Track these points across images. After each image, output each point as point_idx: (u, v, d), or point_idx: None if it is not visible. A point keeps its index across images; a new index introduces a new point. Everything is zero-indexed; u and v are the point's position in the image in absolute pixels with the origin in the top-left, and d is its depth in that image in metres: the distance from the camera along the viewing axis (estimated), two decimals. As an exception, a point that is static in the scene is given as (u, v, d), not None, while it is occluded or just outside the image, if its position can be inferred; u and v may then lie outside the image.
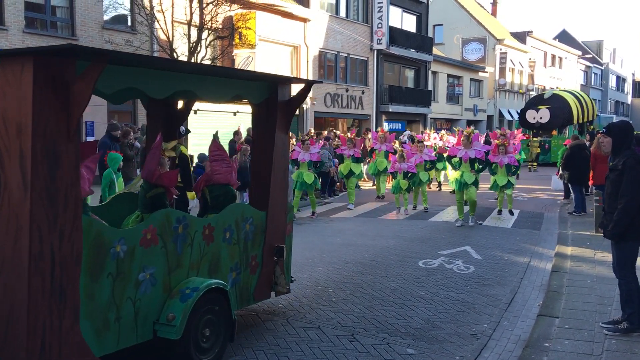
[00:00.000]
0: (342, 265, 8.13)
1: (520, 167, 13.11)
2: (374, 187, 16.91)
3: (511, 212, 12.82)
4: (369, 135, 22.14)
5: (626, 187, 5.12)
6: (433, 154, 14.30)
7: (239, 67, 20.99)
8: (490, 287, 7.10)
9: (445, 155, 13.89)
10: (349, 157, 14.08)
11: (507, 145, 12.48)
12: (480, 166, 11.57)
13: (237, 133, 15.64)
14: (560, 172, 14.25)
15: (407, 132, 23.70)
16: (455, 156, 11.81)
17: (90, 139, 16.72)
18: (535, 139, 28.23)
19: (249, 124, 20.05)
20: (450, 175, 13.84)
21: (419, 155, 13.48)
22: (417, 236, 10.38)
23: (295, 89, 6.07)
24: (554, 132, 29.50)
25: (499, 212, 12.96)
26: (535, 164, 27.30)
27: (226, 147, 16.58)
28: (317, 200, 15.27)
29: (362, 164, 14.23)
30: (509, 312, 6.18)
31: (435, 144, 17.41)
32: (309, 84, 5.93)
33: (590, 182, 12.26)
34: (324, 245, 9.64)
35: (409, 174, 12.97)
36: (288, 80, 5.85)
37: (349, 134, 15.69)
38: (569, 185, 13.63)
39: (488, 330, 5.63)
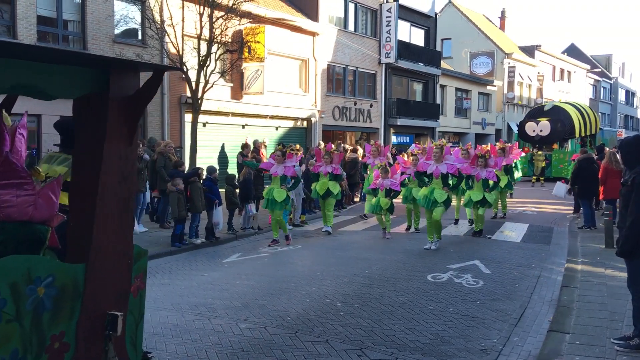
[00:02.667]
0: (350, 278, 8.10)
1: (497, 185, 11.83)
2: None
3: (479, 233, 11.59)
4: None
5: (634, 205, 5.10)
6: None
7: (248, 81, 21.17)
8: (499, 301, 7.04)
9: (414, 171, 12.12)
10: (326, 174, 12.18)
11: (487, 158, 11.37)
12: (454, 182, 10.39)
13: (245, 146, 15.71)
14: (570, 186, 14.13)
15: (413, 145, 23.57)
16: (425, 172, 10.49)
17: (100, 151, 16.84)
18: (539, 152, 27.37)
19: (258, 136, 20.19)
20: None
21: (412, 169, 11.97)
22: (426, 250, 10.33)
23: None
24: (555, 146, 28.46)
25: (474, 233, 11.72)
26: (542, 178, 26.67)
27: (234, 160, 16.76)
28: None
29: (340, 183, 12.60)
30: (518, 328, 6.13)
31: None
32: (159, 71, 3.84)
33: (600, 197, 12.19)
34: (332, 258, 9.62)
35: (392, 192, 11.51)
36: (127, 66, 3.88)
37: (322, 147, 13.80)
38: (579, 199, 13.52)
39: (498, 345, 5.58)
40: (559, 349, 5.27)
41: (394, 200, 11.71)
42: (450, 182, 10.32)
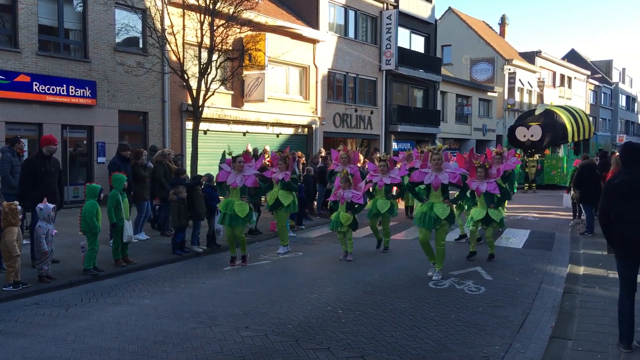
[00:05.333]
0: (351, 285, 8.08)
1: (506, 197, 10.15)
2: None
3: (492, 257, 9.80)
4: (377, 155, 22.14)
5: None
6: (399, 178, 10.74)
7: (249, 88, 21.25)
8: (501, 308, 7.03)
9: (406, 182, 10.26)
10: (277, 182, 10.41)
11: (488, 168, 9.65)
12: (457, 194, 8.73)
13: (246, 153, 15.71)
14: (572, 191, 14.08)
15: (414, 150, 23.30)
16: (421, 182, 8.71)
17: (101, 159, 16.89)
18: (531, 158, 26.64)
19: (259, 143, 20.25)
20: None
21: (379, 177, 10.47)
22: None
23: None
24: (547, 152, 27.57)
25: (471, 254, 9.85)
26: (533, 185, 25.98)
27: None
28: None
29: (294, 193, 10.72)
30: (521, 334, 6.11)
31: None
32: None
33: None
34: (333, 265, 9.60)
35: (355, 205, 9.78)
36: None
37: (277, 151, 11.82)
38: (581, 205, 13.48)
39: (500, 352, 5.56)
40: (561, 356, 5.25)
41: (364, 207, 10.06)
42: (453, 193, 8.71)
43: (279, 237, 10.87)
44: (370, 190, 10.63)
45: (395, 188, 11.40)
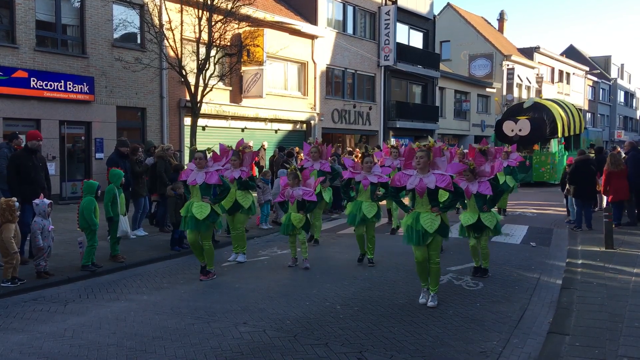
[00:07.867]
0: (350, 281, 8.09)
1: (497, 199, 8.63)
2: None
3: (486, 272, 8.42)
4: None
5: None
6: (385, 176, 9.18)
7: (247, 84, 21.24)
8: (499, 303, 7.04)
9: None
10: (233, 181, 9.05)
11: (476, 167, 8.15)
12: (449, 199, 6.94)
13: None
14: (567, 186, 14.02)
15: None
16: (403, 187, 6.93)
17: (99, 155, 16.88)
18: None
19: (257, 139, 20.25)
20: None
21: (363, 175, 8.91)
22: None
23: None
24: (536, 147, 26.60)
25: (475, 270, 8.49)
26: None
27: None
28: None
29: (252, 193, 9.59)
30: (518, 329, 6.12)
31: None
32: None
33: (609, 199, 12.26)
34: (331, 261, 9.61)
35: (306, 204, 8.66)
36: None
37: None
38: (573, 199, 13.34)
39: (497, 347, 5.57)
40: (558, 351, 5.26)
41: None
42: (443, 199, 7.01)
43: (238, 243, 9.53)
44: (352, 192, 9.21)
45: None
